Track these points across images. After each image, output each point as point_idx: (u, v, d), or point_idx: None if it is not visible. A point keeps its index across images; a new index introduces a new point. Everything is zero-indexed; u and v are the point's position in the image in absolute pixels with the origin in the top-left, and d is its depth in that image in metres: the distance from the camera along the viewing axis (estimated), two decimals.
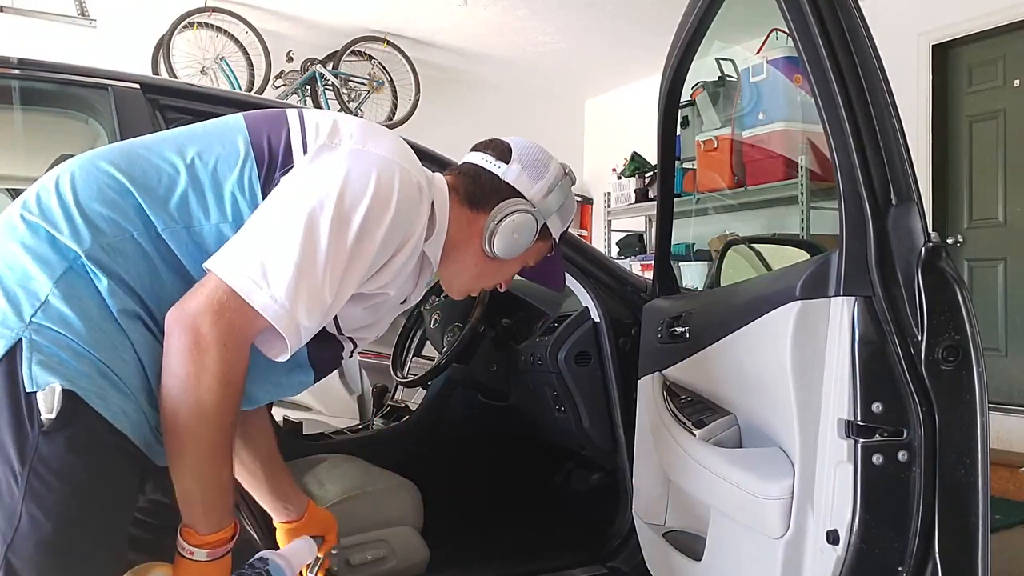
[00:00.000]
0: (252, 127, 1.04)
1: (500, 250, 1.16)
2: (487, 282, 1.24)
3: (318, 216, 0.93)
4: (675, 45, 1.60)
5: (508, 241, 1.15)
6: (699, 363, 1.51)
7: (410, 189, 1.00)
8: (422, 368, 2.44)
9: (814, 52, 1.09)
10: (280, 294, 0.91)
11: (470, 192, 1.16)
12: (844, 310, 1.09)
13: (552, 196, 1.19)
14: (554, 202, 1.19)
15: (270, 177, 1.00)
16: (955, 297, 1.05)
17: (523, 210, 1.15)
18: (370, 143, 1.02)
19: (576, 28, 5.54)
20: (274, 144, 1.02)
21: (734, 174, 4.55)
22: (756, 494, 1.22)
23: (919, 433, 1.06)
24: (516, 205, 1.15)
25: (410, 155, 1.07)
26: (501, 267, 1.21)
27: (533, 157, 1.19)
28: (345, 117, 1.08)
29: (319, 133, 1.02)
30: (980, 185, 4.34)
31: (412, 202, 1.00)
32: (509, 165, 1.17)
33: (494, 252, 1.16)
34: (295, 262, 0.91)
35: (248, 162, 1.00)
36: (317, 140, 1.01)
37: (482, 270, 1.20)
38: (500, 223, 1.14)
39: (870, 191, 1.08)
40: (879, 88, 1.07)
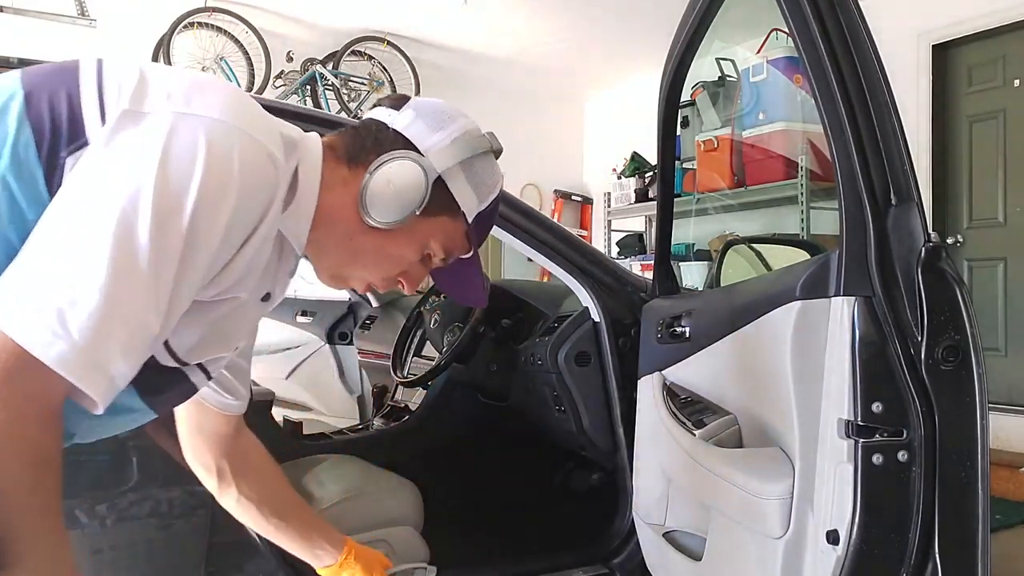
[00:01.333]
0: (30, 86, 0.77)
1: (378, 211, 0.89)
2: (369, 265, 0.95)
3: (130, 220, 0.69)
4: (675, 45, 1.60)
5: (386, 198, 0.88)
6: (699, 363, 1.51)
7: (256, 160, 0.76)
8: (422, 368, 2.44)
9: (814, 52, 1.09)
10: (84, 339, 0.67)
11: (349, 147, 0.92)
12: (844, 310, 1.09)
13: (454, 148, 0.92)
14: (455, 155, 0.92)
15: (53, 157, 0.73)
16: (955, 297, 1.05)
17: (405, 157, 0.89)
18: (196, 101, 0.76)
19: (576, 28, 5.54)
20: (57, 109, 0.75)
21: (734, 174, 4.55)
22: (756, 494, 1.22)
23: (919, 433, 1.06)
24: (399, 153, 0.90)
25: (254, 112, 0.82)
26: (385, 243, 0.92)
27: (436, 107, 0.96)
28: (160, 69, 0.81)
29: (121, 93, 0.76)
30: (980, 185, 4.34)
31: (260, 177, 0.77)
32: (400, 112, 0.94)
33: (370, 215, 0.89)
34: (102, 291, 0.68)
35: (21, 136, 0.73)
36: (119, 103, 0.75)
37: (360, 245, 0.92)
38: (374, 174, 0.89)
39: (870, 191, 1.08)
40: (879, 88, 1.07)
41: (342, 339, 3.43)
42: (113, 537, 1.42)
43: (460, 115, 0.97)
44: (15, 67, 1.56)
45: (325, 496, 1.83)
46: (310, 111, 2.35)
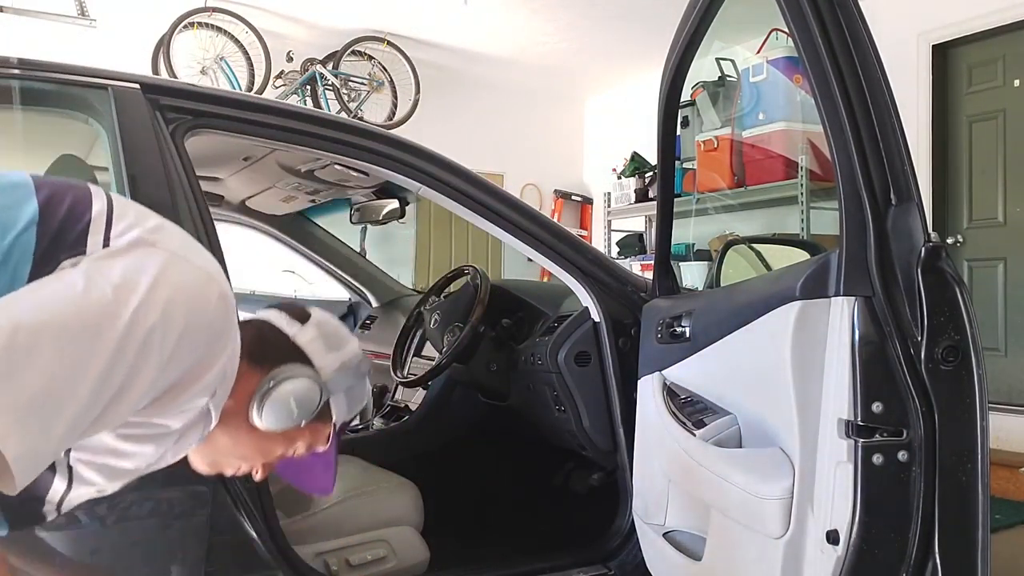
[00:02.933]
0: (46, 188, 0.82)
1: (269, 420, 0.94)
2: (243, 457, 1.00)
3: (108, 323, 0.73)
4: (675, 45, 1.60)
5: (282, 410, 0.94)
6: (699, 363, 1.51)
7: (224, 314, 0.84)
8: (422, 368, 2.44)
9: (814, 52, 1.09)
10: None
11: (252, 345, 0.95)
12: (844, 310, 1.09)
13: (345, 373, 1.01)
14: (345, 380, 1.01)
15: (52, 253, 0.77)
16: (955, 297, 1.05)
17: (309, 376, 0.96)
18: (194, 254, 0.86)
19: (576, 28, 5.54)
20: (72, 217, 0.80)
21: (734, 174, 4.55)
22: (756, 494, 1.22)
23: (919, 433, 1.06)
24: (302, 370, 0.96)
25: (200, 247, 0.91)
26: (261, 444, 0.98)
27: (333, 327, 1.03)
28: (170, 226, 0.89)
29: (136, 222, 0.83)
30: (980, 185, 4.34)
31: (222, 330, 0.84)
32: (303, 327, 1.00)
33: (261, 421, 0.94)
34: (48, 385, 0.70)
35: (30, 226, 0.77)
36: (128, 231, 0.82)
37: (239, 439, 0.97)
38: (278, 386, 0.94)
39: (870, 191, 1.08)
40: (879, 88, 1.07)
41: None
42: (113, 537, 1.42)
43: (351, 338, 1.06)
44: (15, 67, 1.57)
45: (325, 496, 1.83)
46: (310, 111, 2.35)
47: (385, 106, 5.86)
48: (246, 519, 1.48)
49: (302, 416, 0.96)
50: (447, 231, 6.70)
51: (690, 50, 1.57)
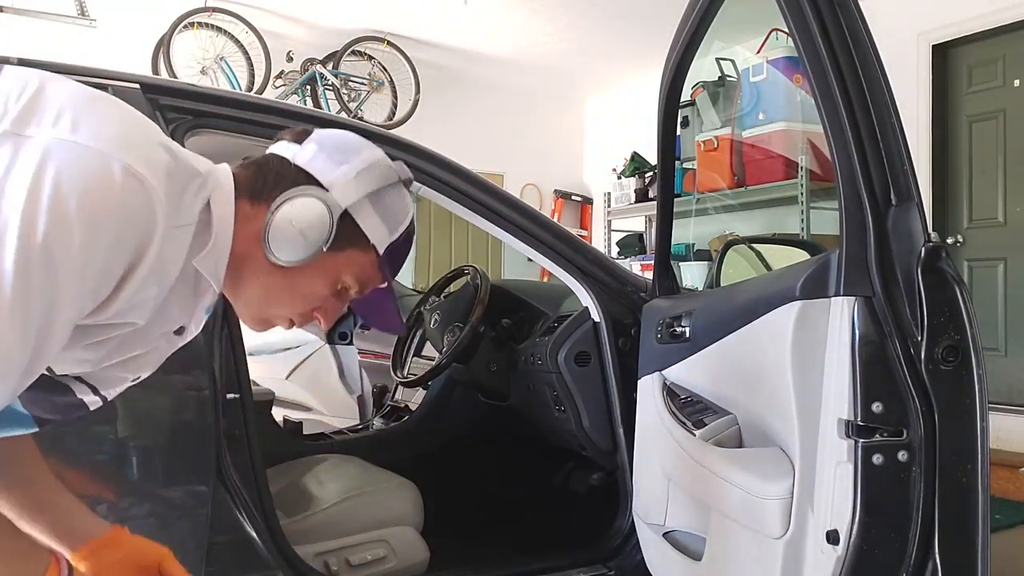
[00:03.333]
0: None
1: (282, 251, 0.87)
2: (284, 303, 0.93)
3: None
4: (675, 45, 1.60)
5: (289, 237, 0.86)
6: (699, 363, 1.51)
7: (134, 193, 0.74)
8: (422, 368, 2.44)
9: (814, 52, 1.09)
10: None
11: (251, 183, 0.89)
12: (844, 310, 1.09)
13: (359, 182, 0.90)
14: (361, 188, 0.90)
15: None
16: (955, 297, 1.05)
17: (307, 194, 0.87)
18: (83, 129, 0.74)
19: (576, 28, 5.54)
20: None
21: (734, 174, 4.55)
22: (756, 494, 1.22)
23: (919, 433, 1.06)
24: (301, 190, 0.88)
25: (147, 142, 0.79)
26: (295, 281, 0.90)
27: (339, 140, 0.94)
28: (58, 83, 0.80)
29: (7, 111, 0.74)
30: (980, 185, 4.34)
31: (134, 212, 0.74)
32: (302, 146, 0.91)
33: (275, 255, 0.87)
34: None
35: None
36: (2, 122, 0.73)
37: (269, 284, 0.90)
38: (275, 212, 0.87)
39: (870, 191, 1.08)
40: (879, 88, 1.07)
41: (342, 339, 3.43)
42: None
43: (366, 146, 0.94)
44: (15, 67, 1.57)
45: (325, 496, 1.83)
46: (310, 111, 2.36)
47: (385, 106, 5.85)
48: (246, 519, 1.48)
49: (316, 239, 0.87)
50: (447, 231, 6.70)
51: (690, 50, 1.57)
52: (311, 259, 0.88)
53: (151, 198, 0.75)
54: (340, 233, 0.89)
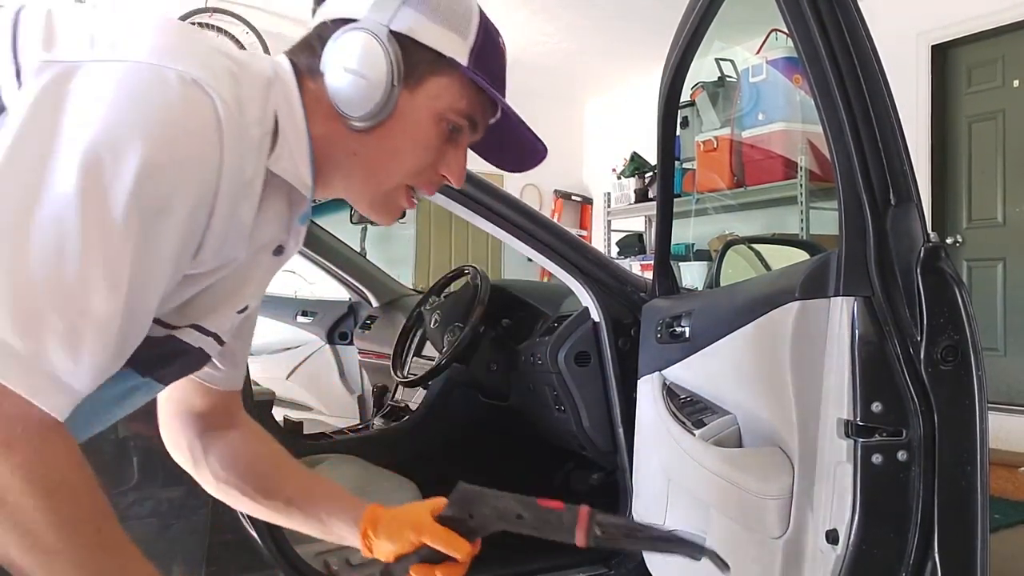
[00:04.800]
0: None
1: (355, 106, 0.75)
2: (394, 169, 0.81)
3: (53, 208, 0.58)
4: (675, 45, 1.60)
5: (351, 86, 0.75)
6: (699, 363, 1.51)
7: (198, 103, 0.64)
8: (422, 368, 2.44)
9: (813, 52, 1.09)
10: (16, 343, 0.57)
11: (305, 60, 0.78)
12: (844, 310, 1.09)
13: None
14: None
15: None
16: (954, 297, 1.05)
17: (345, 33, 0.75)
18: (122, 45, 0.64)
19: (576, 28, 5.54)
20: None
21: (734, 174, 4.56)
22: (756, 494, 1.22)
23: (919, 433, 1.06)
24: (339, 33, 0.76)
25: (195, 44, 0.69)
26: (391, 138, 0.78)
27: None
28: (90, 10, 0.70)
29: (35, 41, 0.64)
30: (979, 185, 4.34)
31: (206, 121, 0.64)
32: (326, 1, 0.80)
33: (351, 116, 0.76)
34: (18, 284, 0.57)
35: None
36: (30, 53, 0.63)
37: (368, 155, 0.79)
38: (327, 71, 0.76)
39: (869, 191, 1.08)
40: (878, 88, 1.07)
41: (342, 339, 3.43)
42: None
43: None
44: None
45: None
46: None
47: None
48: (246, 519, 1.48)
49: (378, 74, 0.75)
50: (447, 231, 6.70)
51: (690, 50, 1.57)
52: (390, 103, 0.76)
53: (216, 106, 0.65)
54: (407, 62, 0.76)
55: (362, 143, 0.78)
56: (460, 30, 0.79)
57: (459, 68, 0.79)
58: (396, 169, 0.81)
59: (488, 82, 0.81)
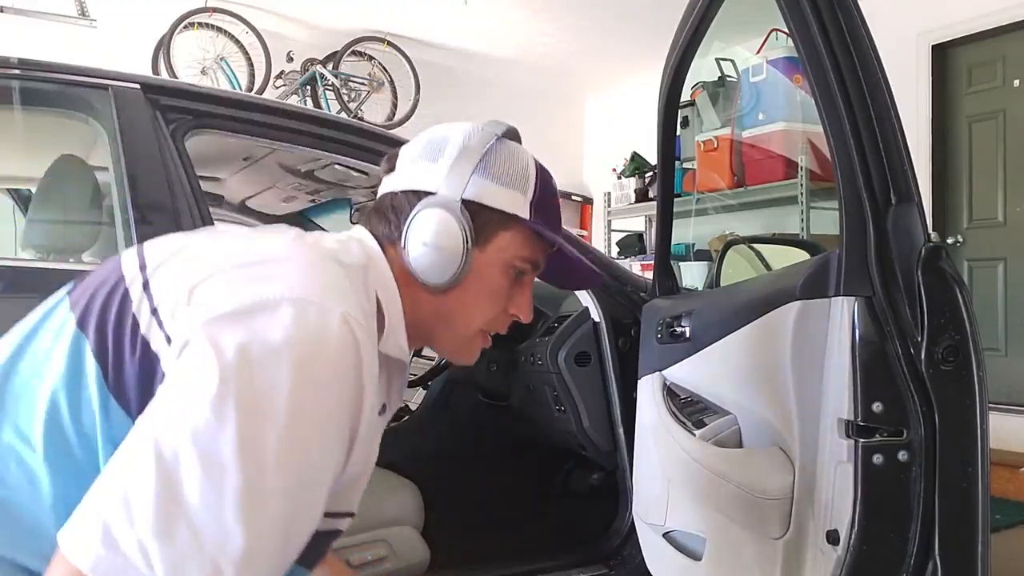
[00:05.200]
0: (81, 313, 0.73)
1: (434, 275, 0.83)
2: (471, 319, 0.88)
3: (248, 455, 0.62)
4: (675, 45, 1.60)
5: (431, 260, 0.83)
6: (699, 363, 1.51)
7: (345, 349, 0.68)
8: (422, 368, 2.44)
9: (814, 52, 1.09)
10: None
11: (382, 232, 0.87)
12: (844, 310, 1.09)
13: (459, 167, 0.84)
14: (464, 169, 0.84)
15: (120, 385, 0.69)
16: (955, 297, 1.05)
17: (422, 207, 0.83)
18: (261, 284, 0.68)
19: (576, 28, 5.53)
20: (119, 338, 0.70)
21: (734, 174, 4.55)
22: (756, 494, 1.22)
23: (919, 433, 1.06)
24: (415, 210, 0.84)
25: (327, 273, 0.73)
26: (467, 294, 0.86)
27: (424, 140, 0.89)
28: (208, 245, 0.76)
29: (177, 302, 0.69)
30: (980, 185, 4.34)
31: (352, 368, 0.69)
32: (396, 170, 0.88)
33: (434, 283, 0.84)
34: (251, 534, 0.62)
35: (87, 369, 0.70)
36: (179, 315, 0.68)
37: (449, 312, 0.87)
38: (407, 246, 0.84)
39: (870, 191, 1.07)
40: (879, 88, 1.07)
41: None
42: None
43: (451, 129, 0.89)
44: (15, 67, 1.57)
45: None
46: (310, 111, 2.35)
47: (385, 106, 5.85)
48: None
49: (454, 245, 0.82)
50: None
51: (690, 50, 1.57)
52: (466, 267, 0.84)
53: (360, 342, 0.70)
54: (478, 226, 0.84)
55: (441, 302, 0.87)
56: (521, 187, 0.88)
57: (522, 221, 0.87)
58: (473, 319, 0.90)
59: (546, 226, 0.90)
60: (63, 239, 1.71)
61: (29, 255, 1.67)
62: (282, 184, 2.59)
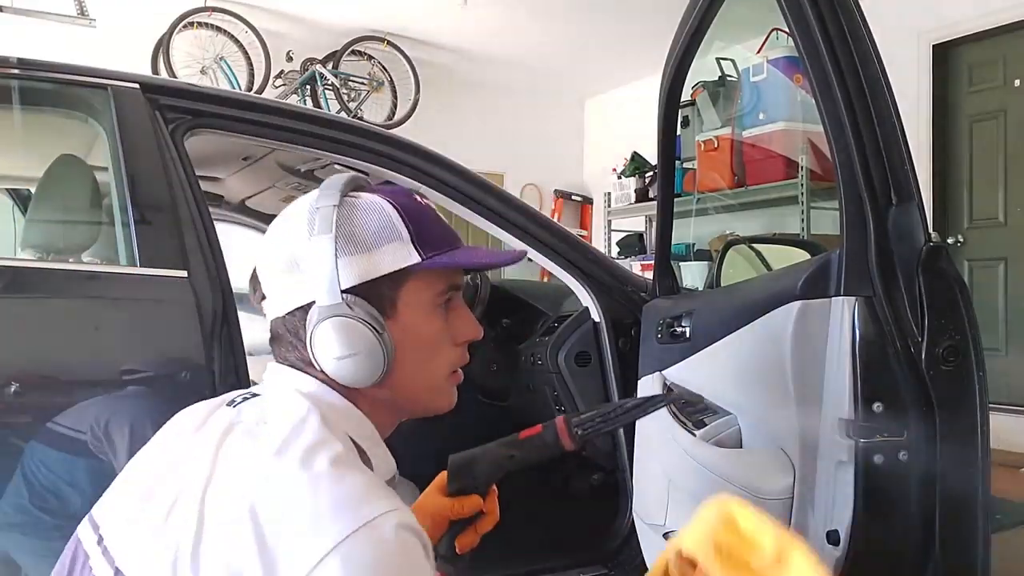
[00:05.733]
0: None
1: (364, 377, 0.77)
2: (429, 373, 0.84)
3: None
4: (675, 45, 1.60)
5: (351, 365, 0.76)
6: (699, 363, 1.51)
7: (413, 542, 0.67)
8: None
9: (814, 51, 1.08)
10: None
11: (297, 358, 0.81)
12: (845, 310, 1.09)
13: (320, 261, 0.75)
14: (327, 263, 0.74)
15: None
16: (955, 298, 1.05)
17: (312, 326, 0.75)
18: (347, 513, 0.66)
19: (576, 28, 5.53)
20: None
21: (734, 174, 4.55)
22: (756, 494, 1.22)
23: (920, 433, 1.06)
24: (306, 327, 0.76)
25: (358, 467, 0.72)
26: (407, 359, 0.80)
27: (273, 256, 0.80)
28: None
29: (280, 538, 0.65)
30: (980, 185, 4.34)
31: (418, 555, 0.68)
32: (269, 293, 0.81)
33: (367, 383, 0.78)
34: None
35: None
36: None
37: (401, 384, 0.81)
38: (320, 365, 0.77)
39: (870, 191, 1.07)
40: (879, 87, 1.07)
41: None
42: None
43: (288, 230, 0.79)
44: (15, 67, 1.57)
45: None
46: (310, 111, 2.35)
47: (385, 106, 5.85)
48: None
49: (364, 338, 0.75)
50: None
51: (690, 50, 1.57)
52: (390, 347, 0.77)
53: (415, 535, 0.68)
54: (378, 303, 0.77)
55: (391, 385, 0.80)
56: (393, 235, 0.78)
57: (416, 266, 0.78)
58: (430, 377, 0.84)
59: (439, 250, 0.80)
60: (62, 239, 1.71)
61: (28, 255, 1.67)
62: (282, 184, 2.59)
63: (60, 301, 1.47)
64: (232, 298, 1.53)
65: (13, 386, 1.34)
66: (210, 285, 1.49)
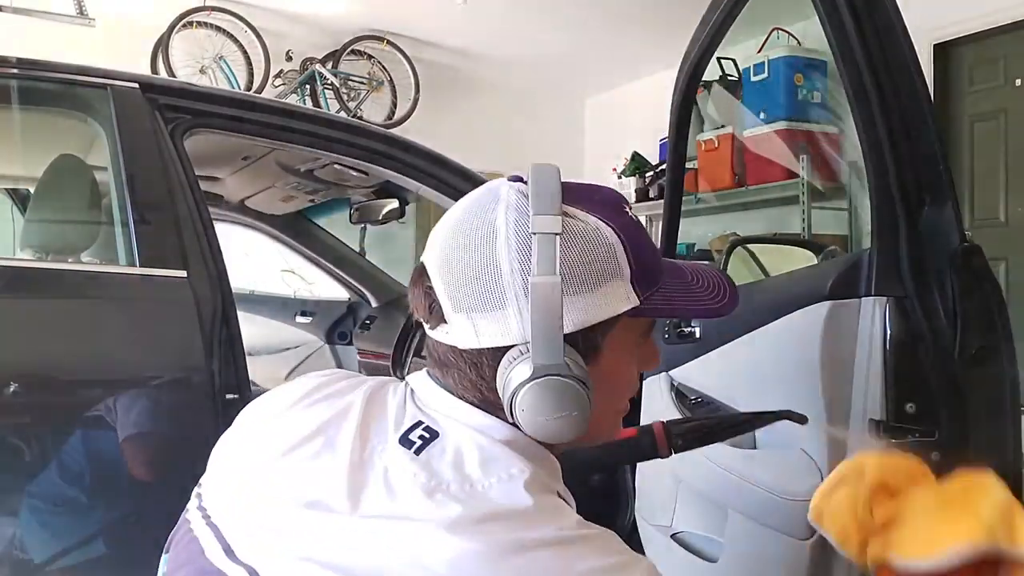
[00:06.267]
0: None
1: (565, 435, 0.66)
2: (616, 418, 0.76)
3: None
4: (694, 43, 1.59)
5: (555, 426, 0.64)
6: (711, 363, 1.49)
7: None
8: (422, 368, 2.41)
9: (847, 45, 1.07)
10: None
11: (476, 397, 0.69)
12: (876, 310, 1.08)
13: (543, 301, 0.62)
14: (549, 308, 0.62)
15: None
16: (988, 298, 1.03)
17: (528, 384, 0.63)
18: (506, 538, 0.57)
19: (576, 28, 5.52)
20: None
21: (735, 174, 4.55)
22: (781, 495, 1.20)
23: (951, 434, 1.04)
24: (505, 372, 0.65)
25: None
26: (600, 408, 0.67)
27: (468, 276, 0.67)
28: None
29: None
30: (981, 185, 4.34)
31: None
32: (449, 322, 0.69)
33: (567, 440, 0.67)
34: None
35: None
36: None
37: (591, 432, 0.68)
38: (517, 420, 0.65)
39: (902, 190, 1.06)
40: (913, 84, 1.05)
41: (341, 339, 3.41)
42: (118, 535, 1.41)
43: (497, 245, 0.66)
44: (14, 67, 1.55)
45: None
46: (310, 111, 2.34)
47: (385, 105, 5.83)
48: None
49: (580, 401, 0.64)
50: None
51: (711, 47, 1.56)
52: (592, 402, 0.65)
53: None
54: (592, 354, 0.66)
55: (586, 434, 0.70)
56: (615, 273, 0.65)
57: (627, 314, 0.67)
58: (615, 412, 0.75)
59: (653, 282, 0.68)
60: (62, 239, 1.69)
61: (28, 255, 1.66)
62: (281, 184, 2.57)
63: (59, 301, 1.46)
64: (232, 298, 1.52)
65: (12, 386, 1.32)
66: (210, 285, 1.49)
